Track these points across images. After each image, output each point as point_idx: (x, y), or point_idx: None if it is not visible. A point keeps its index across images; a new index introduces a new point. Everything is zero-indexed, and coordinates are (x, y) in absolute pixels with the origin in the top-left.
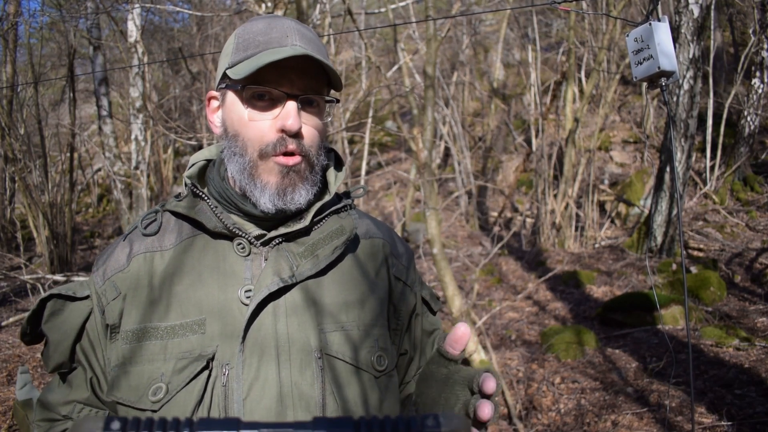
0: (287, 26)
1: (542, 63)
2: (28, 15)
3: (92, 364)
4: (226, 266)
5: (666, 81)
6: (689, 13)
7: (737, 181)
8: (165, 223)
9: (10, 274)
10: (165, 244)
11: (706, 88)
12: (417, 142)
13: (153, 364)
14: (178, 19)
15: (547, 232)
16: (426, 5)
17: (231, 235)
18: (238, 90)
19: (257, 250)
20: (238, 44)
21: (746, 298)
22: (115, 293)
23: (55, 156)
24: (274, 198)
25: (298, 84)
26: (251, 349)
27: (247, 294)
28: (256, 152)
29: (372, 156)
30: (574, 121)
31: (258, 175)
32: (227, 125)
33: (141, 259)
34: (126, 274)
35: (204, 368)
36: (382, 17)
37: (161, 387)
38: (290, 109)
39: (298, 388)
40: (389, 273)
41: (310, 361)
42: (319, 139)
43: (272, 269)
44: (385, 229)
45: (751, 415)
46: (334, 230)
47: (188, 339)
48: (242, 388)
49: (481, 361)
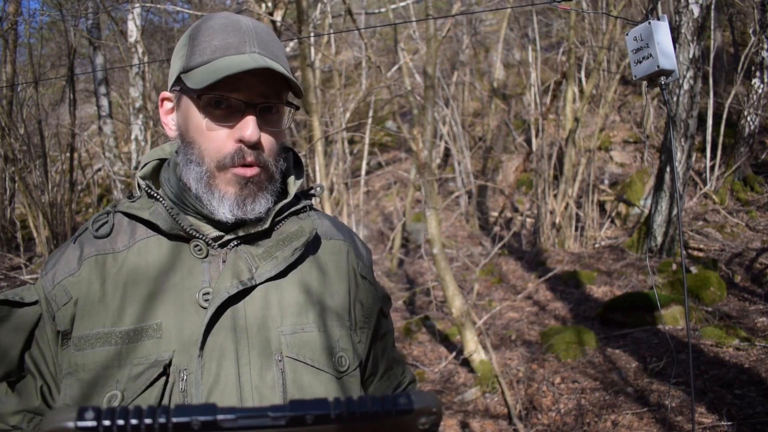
0: (245, 29)
1: (542, 63)
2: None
3: (42, 372)
4: (182, 269)
5: (665, 80)
6: (689, 13)
7: (737, 181)
8: (117, 225)
9: (10, 274)
10: (117, 246)
11: (706, 88)
12: (417, 142)
13: (107, 371)
14: (178, 19)
15: (547, 232)
16: (426, 5)
17: (187, 236)
18: (196, 97)
19: (215, 251)
20: (194, 46)
21: (746, 298)
22: (65, 298)
23: (55, 156)
24: (233, 208)
25: (257, 89)
26: (210, 354)
27: (206, 297)
28: (214, 163)
29: (372, 156)
30: (574, 121)
31: (216, 185)
32: (182, 130)
33: (92, 261)
34: (77, 278)
35: (161, 374)
36: (382, 17)
37: (116, 395)
38: (249, 119)
39: (259, 391)
40: (354, 272)
41: (270, 364)
42: (277, 145)
43: (231, 271)
44: (346, 230)
45: (751, 415)
46: (294, 231)
47: (144, 344)
48: (201, 393)
49: (481, 361)
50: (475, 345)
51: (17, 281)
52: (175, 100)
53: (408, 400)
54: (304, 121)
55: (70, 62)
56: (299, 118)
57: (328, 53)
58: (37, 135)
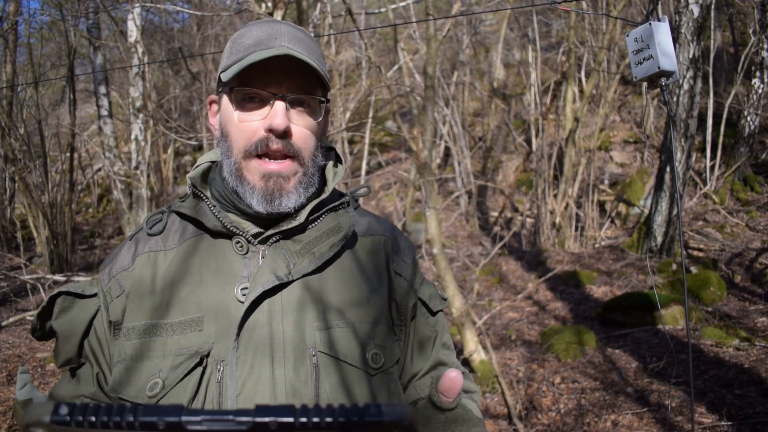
0: (278, 29)
1: (542, 63)
2: (28, 15)
3: (99, 359)
4: (225, 265)
5: (666, 81)
6: (689, 13)
7: (737, 181)
8: (170, 224)
9: (10, 274)
10: (169, 244)
11: (706, 88)
12: (417, 142)
13: (152, 361)
14: (178, 19)
15: (547, 232)
16: (426, 5)
17: (229, 233)
18: (229, 92)
19: (255, 248)
20: (232, 49)
21: (746, 298)
22: (119, 291)
23: (55, 156)
24: (262, 203)
25: (287, 84)
26: (245, 347)
27: (243, 292)
28: (241, 153)
29: (372, 156)
30: (574, 121)
31: (244, 176)
32: (222, 127)
33: (145, 258)
34: (130, 272)
35: (198, 364)
36: (382, 17)
37: (158, 382)
38: (278, 108)
39: (292, 385)
40: (390, 269)
41: (304, 359)
42: (314, 139)
43: (268, 267)
44: (387, 225)
45: (751, 415)
46: (331, 228)
47: (186, 336)
48: (236, 385)
49: (481, 361)
50: (475, 345)
51: (17, 281)
52: (218, 102)
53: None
54: None
55: (70, 62)
56: None
57: (328, 53)
58: (37, 135)
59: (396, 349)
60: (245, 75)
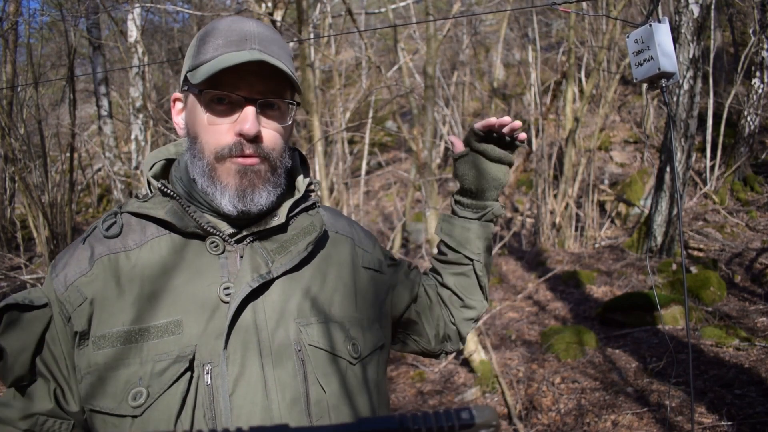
0: (248, 29)
1: (542, 63)
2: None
3: (55, 374)
4: (199, 265)
5: (666, 82)
6: (689, 13)
7: (737, 181)
8: (126, 225)
9: (10, 274)
10: (129, 245)
11: (706, 88)
12: (417, 142)
13: (129, 368)
14: (178, 19)
15: (547, 232)
16: (426, 5)
17: (204, 234)
18: (197, 94)
19: (231, 247)
20: (199, 47)
21: (746, 298)
22: (80, 299)
23: (55, 156)
24: (234, 200)
25: (258, 87)
26: (234, 346)
27: (227, 292)
28: (213, 155)
29: (372, 156)
30: (574, 121)
31: (217, 177)
32: (189, 127)
33: (105, 261)
34: (90, 277)
35: (187, 369)
36: (382, 17)
37: (141, 392)
38: (248, 113)
39: (281, 380)
40: (358, 265)
41: (290, 354)
42: (282, 141)
43: (250, 266)
44: (346, 221)
45: (751, 415)
46: (306, 227)
47: (164, 340)
48: (227, 385)
49: (481, 361)
50: (475, 345)
51: (17, 281)
52: (184, 100)
53: (470, 415)
54: (304, 121)
55: (70, 62)
56: (299, 118)
57: (328, 53)
58: (37, 135)
59: (374, 337)
60: (214, 77)
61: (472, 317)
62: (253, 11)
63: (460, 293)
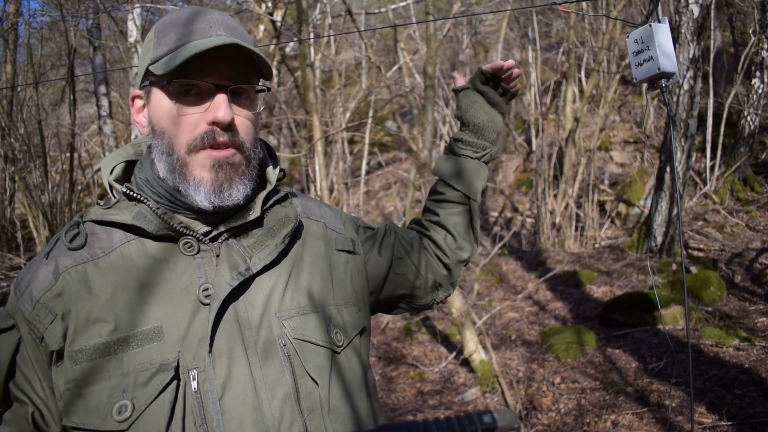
0: (210, 17)
1: (542, 63)
2: (28, 15)
3: (32, 397)
4: (173, 268)
5: (666, 82)
6: (689, 13)
7: (737, 181)
8: (90, 234)
9: (10, 274)
10: (96, 253)
11: (706, 88)
12: (417, 142)
13: (110, 381)
14: None
15: (547, 232)
16: (426, 5)
17: (177, 235)
18: (164, 85)
19: (206, 247)
20: (159, 38)
21: (746, 298)
22: (50, 316)
23: (55, 156)
24: (210, 195)
25: (226, 74)
26: (219, 349)
27: (206, 293)
28: (184, 148)
29: (372, 156)
30: (574, 121)
31: (189, 171)
32: (154, 123)
33: (73, 273)
34: (56, 292)
35: (173, 377)
36: (382, 17)
37: (126, 405)
38: (220, 100)
39: (270, 378)
40: (332, 248)
41: (276, 350)
42: (253, 130)
43: (228, 264)
44: (314, 204)
45: (751, 415)
46: (281, 219)
47: (145, 349)
48: (216, 389)
49: (481, 361)
50: (475, 345)
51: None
52: (146, 96)
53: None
54: (304, 121)
55: (70, 62)
56: (299, 118)
57: (328, 53)
58: (37, 135)
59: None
60: (181, 66)
61: (465, 258)
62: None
63: (455, 233)
